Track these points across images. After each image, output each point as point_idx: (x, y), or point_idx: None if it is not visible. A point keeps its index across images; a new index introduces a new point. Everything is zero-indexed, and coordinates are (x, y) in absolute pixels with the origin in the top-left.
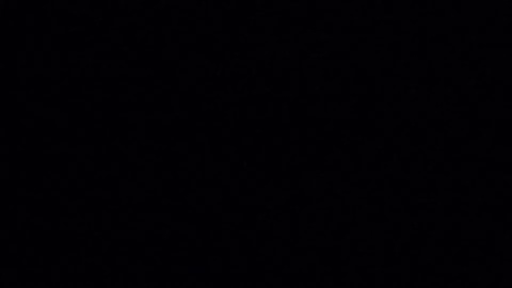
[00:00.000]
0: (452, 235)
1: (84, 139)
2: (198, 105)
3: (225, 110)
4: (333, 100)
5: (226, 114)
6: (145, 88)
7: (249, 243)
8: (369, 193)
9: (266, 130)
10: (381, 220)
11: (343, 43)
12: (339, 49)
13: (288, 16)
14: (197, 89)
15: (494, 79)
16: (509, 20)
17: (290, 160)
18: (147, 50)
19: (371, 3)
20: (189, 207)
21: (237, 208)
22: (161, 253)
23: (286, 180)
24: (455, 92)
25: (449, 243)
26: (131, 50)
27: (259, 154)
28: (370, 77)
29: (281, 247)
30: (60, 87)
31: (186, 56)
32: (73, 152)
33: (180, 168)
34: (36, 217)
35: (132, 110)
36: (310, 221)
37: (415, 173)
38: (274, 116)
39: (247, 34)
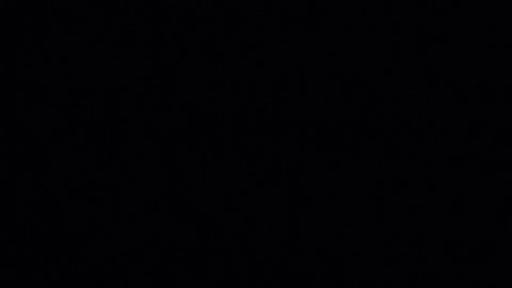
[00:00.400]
0: (452, 235)
1: (84, 140)
2: (197, 106)
3: (225, 110)
4: (333, 101)
5: (226, 114)
6: (145, 89)
7: (249, 244)
8: (369, 193)
9: (266, 130)
10: (381, 220)
11: (343, 43)
12: (339, 49)
13: (288, 16)
14: (197, 90)
15: (494, 79)
16: (509, 20)
17: (290, 161)
18: (147, 51)
19: (371, 3)
20: (189, 207)
21: (237, 208)
22: (161, 254)
23: (286, 181)
24: (455, 92)
25: (449, 243)
26: (131, 51)
27: (259, 154)
28: (370, 77)
29: (281, 247)
30: (60, 88)
31: (186, 56)
32: (73, 152)
33: (180, 168)
34: (36, 218)
35: (132, 111)
36: (310, 222)
37: (415, 173)
38: (274, 117)
39: (247, 34)
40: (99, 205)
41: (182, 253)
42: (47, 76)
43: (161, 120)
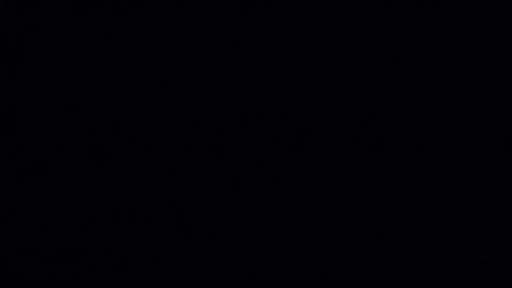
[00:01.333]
0: (452, 235)
1: (84, 144)
2: (197, 109)
3: (225, 113)
4: (333, 102)
5: (226, 117)
6: (146, 93)
7: (249, 247)
8: (369, 195)
9: (265, 133)
10: (380, 221)
11: (342, 42)
12: (338, 49)
13: (287, 17)
14: (196, 92)
15: (494, 79)
16: (509, 20)
17: (290, 164)
18: (148, 55)
19: (371, 3)
20: (189, 212)
21: (237, 211)
22: (161, 265)
23: (286, 183)
24: (454, 93)
25: (449, 243)
26: (132, 53)
27: (259, 158)
28: (370, 78)
29: (282, 250)
30: (61, 91)
31: (186, 60)
32: (73, 157)
33: (180, 173)
34: (35, 222)
35: (133, 113)
36: (311, 224)
37: (415, 173)
38: (274, 119)
39: (246, 36)
40: (98, 217)
41: (182, 260)
42: (47, 79)
43: (162, 125)
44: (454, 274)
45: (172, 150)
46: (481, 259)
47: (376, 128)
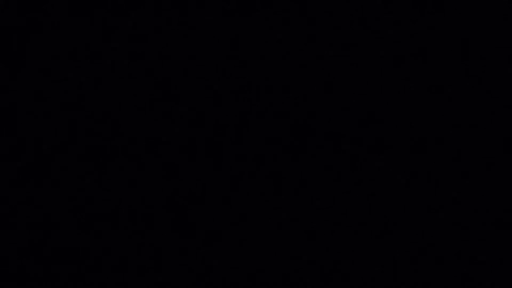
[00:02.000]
0: (452, 235)
1: (84, 145)
2: (196, 108)
3: (225, 115)
4: (333, 102)
5: (226, 118)
6: (146, 94)
7: (249, 247)
8: (369, 195)
9: (265, 133)
10: (380, 221)
11: (342, 42)
12: (339, 49)
13: (287, 17)
14: (195, 92)
15: (494, 79)
16: (509, 20)
17: (290, 164)
18: (148, 55)
19: (371, 3)
20: (189, 213)
21: (237, 211)
22: (161, 265)
23: (286, 183)
24: (454, 93)
25: (449, 243)
26: (133, 55)
27: (259, 158)
28: (370, 78)
29: (281, 252)
30: (61, 91)
31: (186, 64)
32: (72, 157)
33: (179, 174)
34: (34, 223)
35: (132, 114)
36: (310, 224)
37: (415, 173)
38: (274, 119)
39: (246, 36)
40: (98, 218)
41: (182, 260)
42: (47, 78)
43: (162, 125)
44: (454, 274)
45: (172, 150)
46: (481, 259)
47: (376, 128)
